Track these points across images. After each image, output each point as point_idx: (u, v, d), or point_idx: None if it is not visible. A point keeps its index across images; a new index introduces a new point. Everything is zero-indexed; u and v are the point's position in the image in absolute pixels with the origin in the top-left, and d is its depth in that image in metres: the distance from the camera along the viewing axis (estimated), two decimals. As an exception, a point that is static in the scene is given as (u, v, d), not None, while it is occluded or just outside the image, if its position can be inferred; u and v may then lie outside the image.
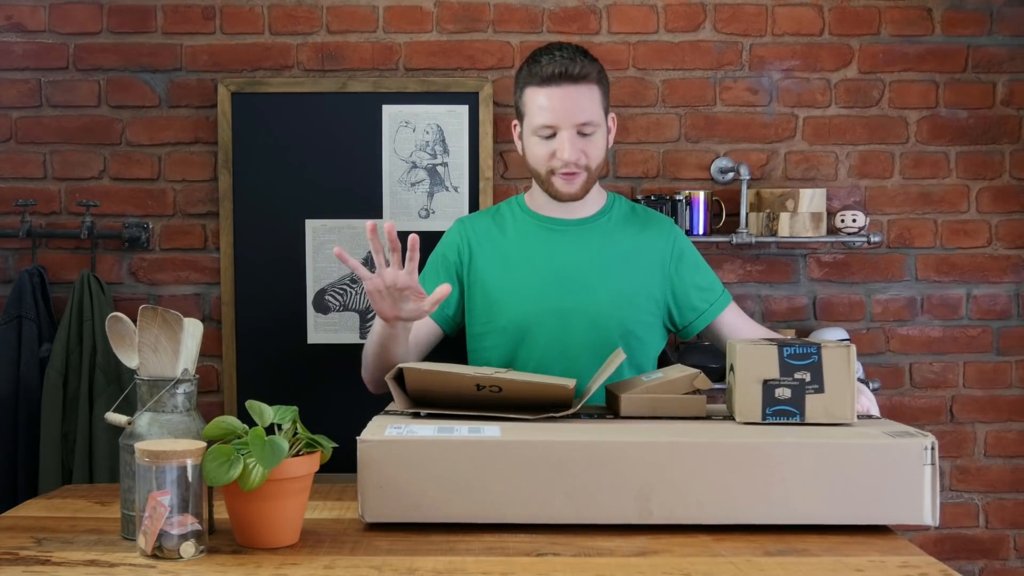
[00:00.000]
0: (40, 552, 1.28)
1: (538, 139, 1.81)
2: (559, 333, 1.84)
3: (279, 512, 1.27)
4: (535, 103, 1.79)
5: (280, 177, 2.57)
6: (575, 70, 1.76)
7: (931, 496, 1.34)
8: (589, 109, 1.78)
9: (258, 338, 2.58)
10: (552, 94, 1.77)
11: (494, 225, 1.94)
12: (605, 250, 1.88)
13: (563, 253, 1.88)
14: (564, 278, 1.86)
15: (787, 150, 2.66)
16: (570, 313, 1.84)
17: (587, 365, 1.79)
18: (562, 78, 1.76)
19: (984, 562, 2.69)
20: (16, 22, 2.60)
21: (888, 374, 2.68)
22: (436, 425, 1.43)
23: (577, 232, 1.90)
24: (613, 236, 1.90)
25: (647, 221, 1.94)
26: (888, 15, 2.64)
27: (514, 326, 1.86)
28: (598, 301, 1.85)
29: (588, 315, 1.84)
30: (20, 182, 2.62)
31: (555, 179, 1.82)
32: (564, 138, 1.78)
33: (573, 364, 1.81)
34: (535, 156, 1.83)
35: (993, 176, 2.67)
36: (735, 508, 1.34)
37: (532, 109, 1.81)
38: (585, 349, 1.83)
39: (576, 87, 1.77)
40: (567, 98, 1.76)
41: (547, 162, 1.81)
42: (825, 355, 1.45)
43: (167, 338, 1.37)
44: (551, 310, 1.84)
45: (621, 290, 1.86)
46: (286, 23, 2.60)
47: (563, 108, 1.76)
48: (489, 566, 1.21)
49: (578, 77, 1.76)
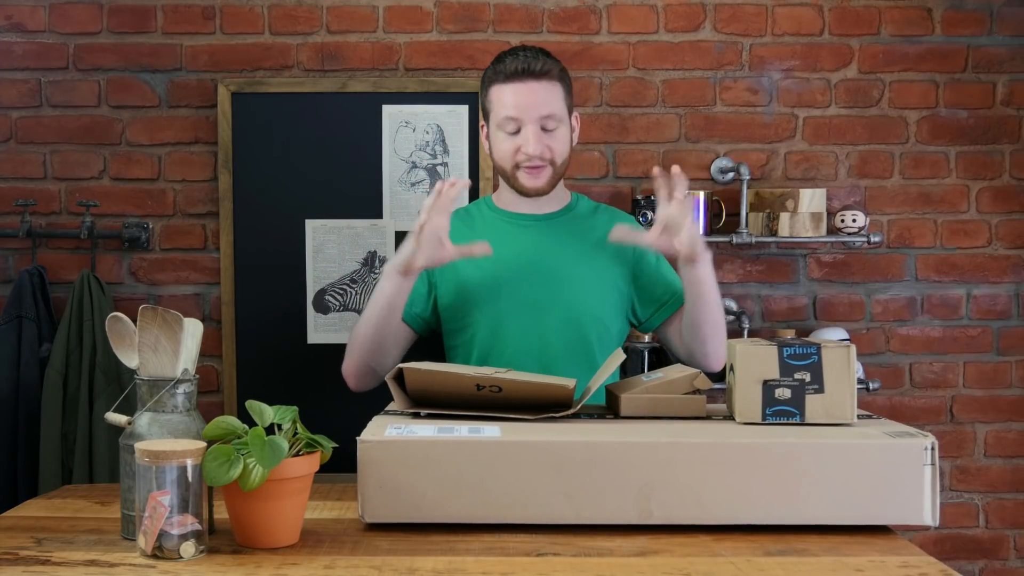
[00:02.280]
0: (40, 552, 1.28)
1: (504, 135, 1.87)
2: (533, 325, 1.87)
3: (279, 512, 1.27)
4: (500, 99, 1.86)
5: (280, 177, 2.57)
6: (537, 67, 1.84)
7: (931, 496, 1.34)
8: (551, 104, 1.84)
9: (258, 338, 2.58)
10: (516, 89, 1.84)
11: (463, 224, 1.97)
12: (573, 243, 1.93)
13: (532, 247, 1.92)
14: (535, 271, 1.90)
15: (787, 150, 2.66)
16: (542, 305, 1.87)
17: (561, 356, 1.85)
18: (525, 74, 1.83)
19: (984, 562, 2.69)
20: (16, 22, 2.60)
21: (888, 374, 2.68)
22: (436, 425, 1.43)
23: (545, 226, 1.94)
24: (579, 230, 1.95)
25: (610, 217, 1.99)
26: (888, 15, 2.65)
27: (488, 320, 1.89)
28: (570, 291, 1.88)
29: (560, 306, 1.88)
30: (20, 182, 2.62)
31: (520, 173, 1.87)
32: (528, 132, 1.83)
33: (547, 356, 1.85)
34: (501, 152, 1.88)
35: (993, 176, 2.67)
36: (735, 508, 1.34)
37: (497, 106, 1.87)
38: (559, 340, 1.87)
39: (538, 83, 1.84)
40: (530, 93, 1.83)
41: (512, 157, 1.87)
42: (825, 355, 1.45)
43: (167, 338, 1.37)
44: (524, 302, 1.88)
45: (591, 281, 1.90)
46: (286, 23, 2.61)
47: (526, 103, 1.83)
48: (489, 566, 1.21)
49: (540, 73, 1.84)
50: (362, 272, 2.58)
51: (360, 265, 2.58)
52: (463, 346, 1.93)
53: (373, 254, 2.57)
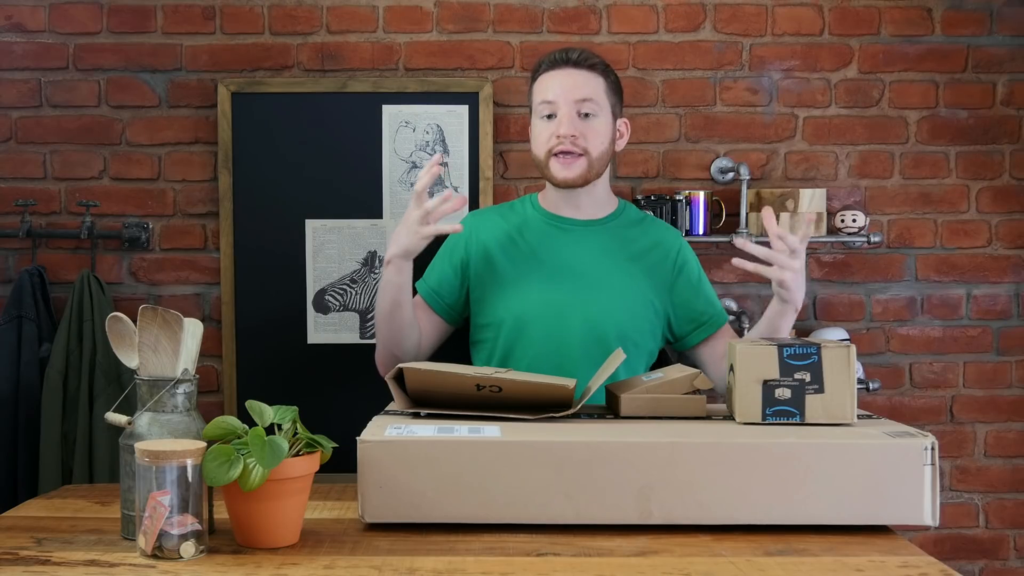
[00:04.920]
0: (40, 552, 1.28)
1: (541, 122, 1.89)
2: (555, 328, 1.86)
3: (279, 512, 1.27)
4: (540, 88, 1.90)
5: (280, 177, 2.57)
6: (575, 56, 1.89)
7: (931, 496, 1.34)
8: (588, 88, 1.87)
9: (258, 338, 2.58)
10: (554, 75, 1.88)
11: (503, 220, 1.98)
12: (610, 252, 1.91)
13: (568, 251, 1.91)
14: (565, 275, 1.88)
15: (787, 150, 2.66)
16: (567, 309, 1.86)
17: (581, 363, 1.82)
18: (565, 62, 1.88)
19: (984, 562, 2.69)
20: (16, 22, 2.60)
21: (888, 374, 2.68)
22: (436, 425, 1.43)
23: (584, 232, 1.93)
24: (620, 240, 1.94)
25: (656, 230, 1.98)
26: (888, 15, 2.65)
27: (512, 318, 1.88)
28: (597, 300, 1.86)
29: (585, 313, 1.86)
30: (20, 182, 2.62)
31: (553, 162, 1.88)
32: (563, 114, 1.86)
33: (567, 361, 1.84)
34: (537, 139, 1.90)
35: (993, 176, 2.67)
36: (735, 508, 1.34)
37: (537, 95, 1.90)
38: (580, 346, 1.85)
39: (576, 70, 1.88)
40: (567, 77, 1.87)
41: (547, 142, 1.87)
42: (825, 355, 1.45)
43: (167, 338, 1.37)
44: (549, 304, 1.87)
45: (621, 293, 1.88)
46: (286, 23, 2.61)
47: (562, 85, 1.86)
48: (489, 566, 1.21)
49: (578, 62, 1.88)
50: (362, 272, 2.58)
51: (360, 265, 2.58)
52: (488, 342, 1.92)
53: (373, 254, 2.57)
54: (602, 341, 1.84)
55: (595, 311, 1.86)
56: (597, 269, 1.89)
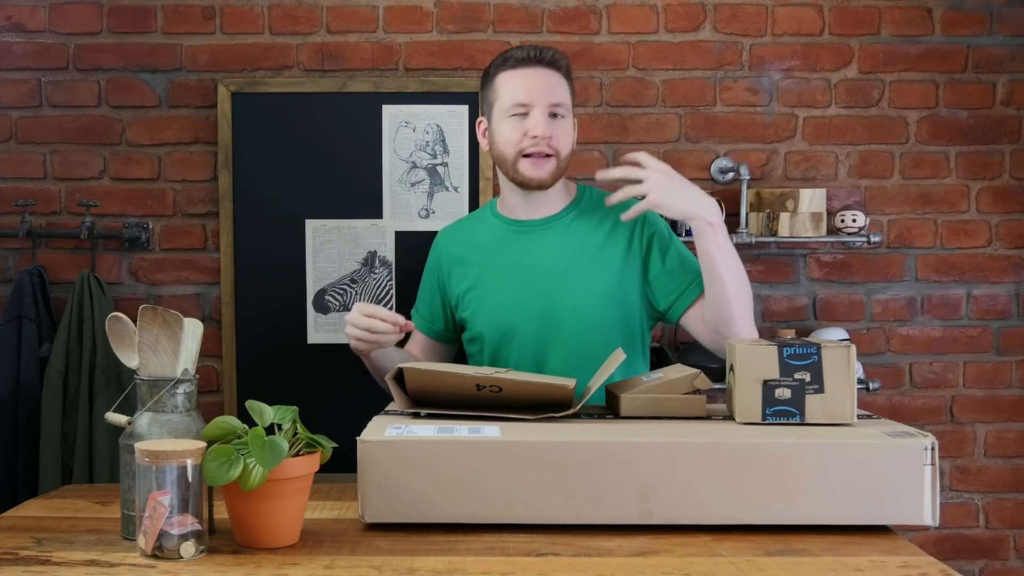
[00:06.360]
0: (40, 552, 1.28)
1: (510, 121, 1.83)
2: (538, 333, 1.86)
3: (279, 512, 1.27)
4: (508, 86, 1.84)
5: (280, 177, 2.57)
6: (548, 55, 1.85)
7: (931, 496, 1.34)
8: (560, 91, 1.84)
9: (258, 338, 2.58)
10: (527, 74, 1.83)
11: (467, 235, 1.99)
12: (573, 246, 1.88)
13: (532, 254, 1.89)
14: (536, 279, 1.87)
15: (787, 150, 2.66)
16: (546, 313, 1.86)
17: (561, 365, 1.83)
18: (536, 60, 1.84)
19: (984, 562, 2.69)
20: (16, 22, 2.60)
21: (888, 374, 2.68)
22: (436, 425, 1.43)
23: (543, 231, 1.91)
24: (580, 231, 1.90)
25: (617, 209, 1.87)
26: (888, 15, 2.64)
27: (493, 331, 1.90)
28: (571, 297, 1.85)
29: (563, 312, 1.85)
30: (20, 182, 2.62)
31: (524, 163, 1.83)
32: (537, 115, 1.82)
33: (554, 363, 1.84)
34: (506, 139, 1.84)
35: (993, 176, 2.67)
36: (735, 508, 1.34)
37: (504, 93, 1.84)
38: (564, 346, 1.85)
39: (548, 70, 1.84)
40: (541, 78, 1.83)
41: (518, 143, 1.82)
42: (825, 355, 1.45)
43: (167, 338, 1.37)
44: (527, 311, 1.87)
45: (594, 283, 1.86)
46: (286, 23, 2.60)
47: (537, 87, 1.82)
48: (489, 566, 1.21)
49: (550, 62, 1.85)
50: (362, 272, 2.58)
51: (360, 265, 2.58)
52: (476, 355, 1.96)
53: (373, 254, 2.57)
54: (584, 335, 1.84)
55: (571, 307, 1.84)
56: (563, 266, 1.86)
